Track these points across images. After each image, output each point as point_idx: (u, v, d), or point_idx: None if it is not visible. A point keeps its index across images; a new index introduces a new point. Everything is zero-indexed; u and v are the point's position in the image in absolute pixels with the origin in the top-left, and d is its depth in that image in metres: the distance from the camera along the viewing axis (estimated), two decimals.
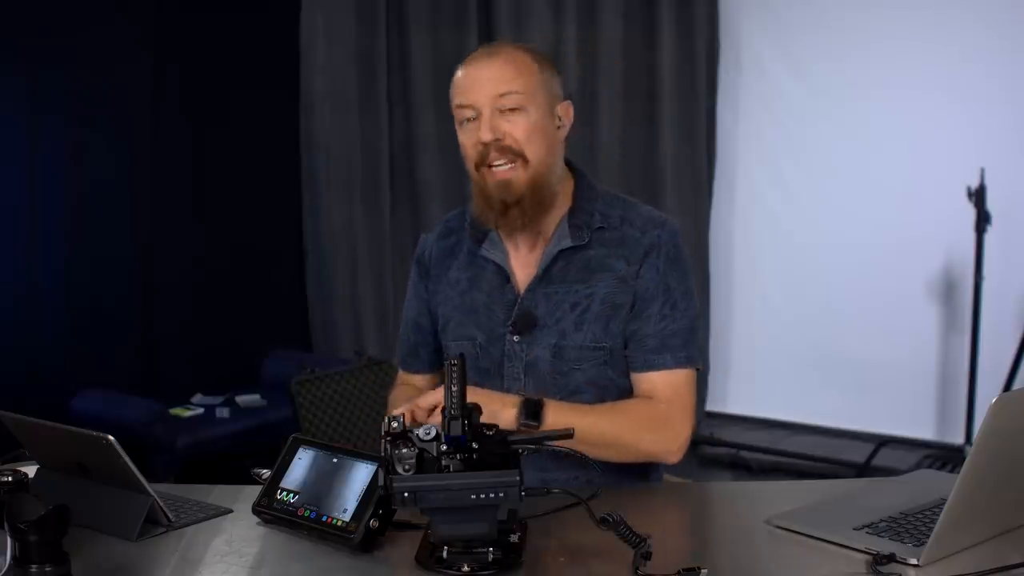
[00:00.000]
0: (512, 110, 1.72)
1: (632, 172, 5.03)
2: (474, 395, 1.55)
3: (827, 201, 4.81)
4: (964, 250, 4.27)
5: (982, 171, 4.06)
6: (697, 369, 1.80)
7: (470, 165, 1.78)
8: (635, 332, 1.77)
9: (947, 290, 4.53)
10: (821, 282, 4.82)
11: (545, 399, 1.69)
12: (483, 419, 1.50)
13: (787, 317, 4.95)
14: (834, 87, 4.73)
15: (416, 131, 4.96)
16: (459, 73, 1.77)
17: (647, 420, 1.73)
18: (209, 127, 4.47)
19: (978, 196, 4.09)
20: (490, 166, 1.74)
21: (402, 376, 2.02)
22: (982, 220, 4.11)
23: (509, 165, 1.73)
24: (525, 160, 1.73)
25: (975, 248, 4.15)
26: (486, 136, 1.72)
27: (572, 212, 1.82)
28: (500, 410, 1.64)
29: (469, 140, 1.75)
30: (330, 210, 4.85)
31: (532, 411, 1.65)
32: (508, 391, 1.77)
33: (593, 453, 1.61)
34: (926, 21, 4.49)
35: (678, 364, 1.76)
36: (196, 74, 4.42)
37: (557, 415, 1.66)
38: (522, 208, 1.75)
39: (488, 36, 4.91)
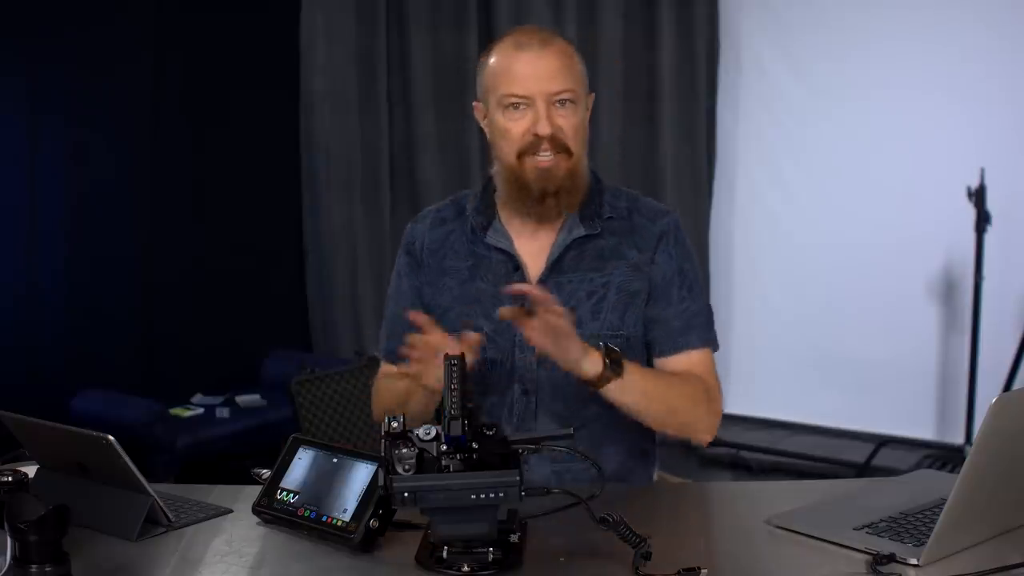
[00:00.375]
0: (562, 103, 1.75)
1: (632, 172, 5.03)
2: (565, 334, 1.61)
3: (827, 201, 4.81)
4: (964, 250, 4.27)
5: (982, 171, 4.06)
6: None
7: (509, 151, 1.76)
8: (658, 316, 1.81)
9: (947, 290, 4.53)
10: (821, 282, 4.82)
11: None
12: (571, 359, 1.59)
13: (787, 317, 4.95)
14: (834, 87, 4.73)
15: (416, 131, 4.96)
16: (507, 59, 1.76)
17: (699, 395, 1.77)
18: (209, 127, 4.47)
19: (978, 196, 4.09)
20: (533, 154, 1.75)
21: (387, 368, 1.97)
22: (982, 220, 4.11)
23: (553, 156, 1.75)
24: (569, 153, 1.76)
25: (975, 248, 4.15)
26: (545, 130, 1.73)
27: (583, 203, 1.83)
28: (584, 357, 1.64)
29: (517, 128, 1.75)
30: (330, 210, 4.84)
31: (616, 361, 1.66)
32: (520, 380, 1.79)
33: (648, 410, 1.71)
34: (926, 21, 4.49)
35: (704, 344, 1.82)
36: (196, 74, 4.42)
37: (632, 371, 1.68)
38: (558, 197, 1.77)
39: (488, 36, 4.90)
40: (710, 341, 1.83)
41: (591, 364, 1.64)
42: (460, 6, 4.93)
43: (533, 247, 1.83)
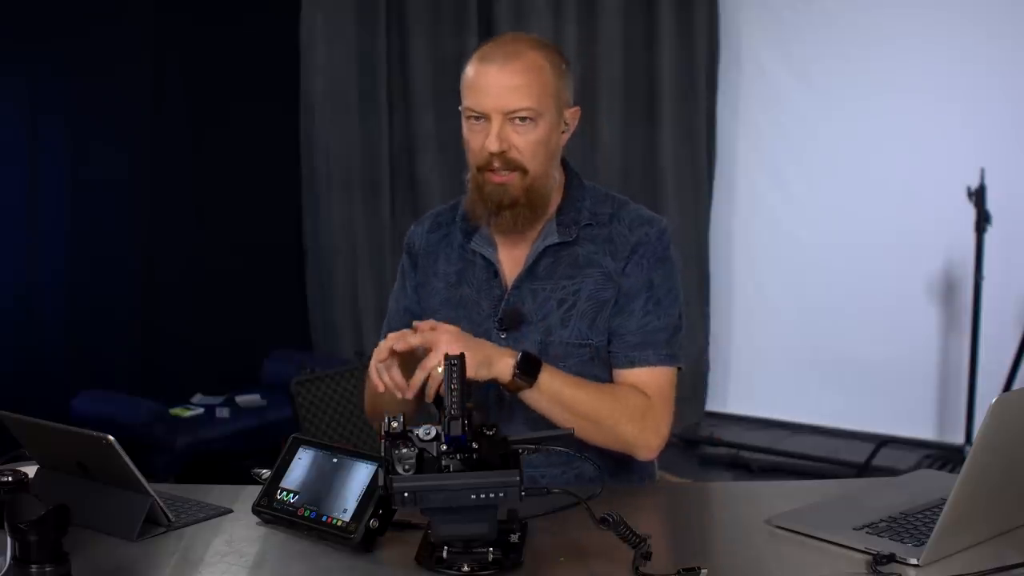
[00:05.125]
0: (522, 120, 1.72)
1: (632, 172, 5.03)
2: (473, 342, 1.62)
3: (827, 201, 4.81)
4: (964, 250, 4.27)
5: (982, 171, 4.06)
6: (679, 368, 1.81)
7: (472, 162, 1.78)
8: (617, 328, 1.78)
9: (947, 290, 4.53)
10: (821, 282, 4.82)
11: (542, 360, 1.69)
12: (477, 364, 1.58)
13: (787, 317, 4.95)
14: (834, 87, 4.73)
15: (416, 131, 4.96)
16: (473, 70, 1.75)
17: (632, 408, 1.74)
18: (209, 127, 4.47)
19: (978, 196, 4.09)
20: (489, 170, 1.75)
21: None
22: (982, 220, 4.11)
23: (508, 173, 1.74)
24: (524, 172, 1.74)
25: (975, 248, 4.14)
26: (493, 146, 1.71)
27: (560, 209, 1.82)
28: (498, 358, 1.64)
29: (476, 141, 1.75)
30: (330, 210, 4.84)
31: (528, 367, 1.66)
32: (495, 385, 1.75)
33: (566, 420, 1.68)
34: (926, 21, 4.49)
35: (660, 362, 1.77)
36: (196, 74, 4.42)
37: (551, 378, 1.67)
38: (515, 212, 1.76)
39: (488, 36, 4.90)
40: (669, 358, 1.77)
41: (501, 369, 1.64)
42: (460, 6, 4.93)
43: (514, 253, 1.83)
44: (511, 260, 1.83)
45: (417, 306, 1.91)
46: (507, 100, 1.70)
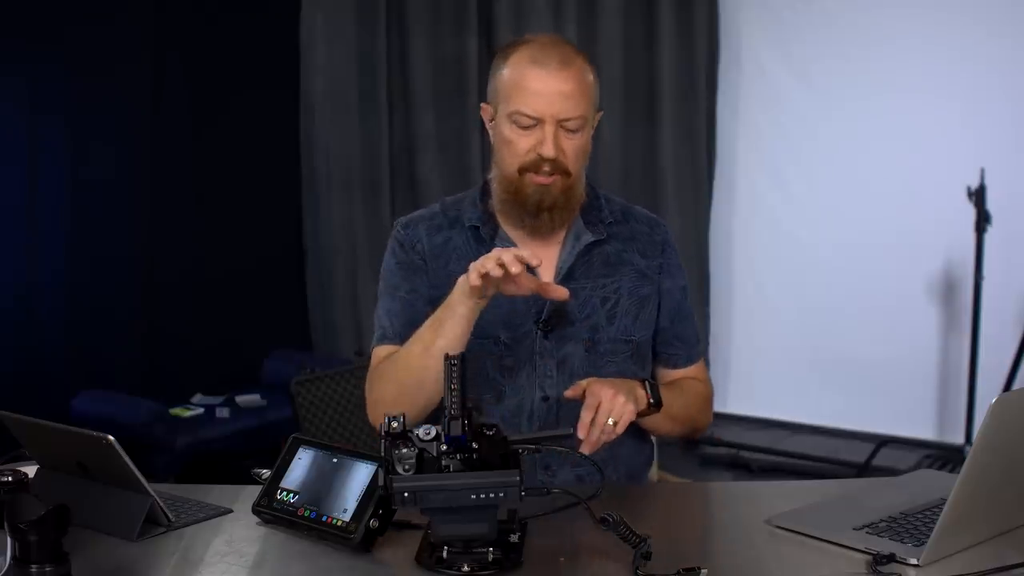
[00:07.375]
0: (572, 129, 1.75)
1: (632, 172, 5.03)
2: (621, 383, 1.66)
3: (827, 201, 4.81)
4: (964, 250, 4.27)
5: (982, 171, 4.06)
6: None
7: (511, 163, 1.77)
8: (680, 333, 1.92)
9: (947, 290, 4.53)
10: (821, 282, 4.82)
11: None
12: (627, 403, 1.60)
13: (787, 317, 4.95)
14: (834, 87, 4.73)
15: (416, 131, 4.96)
16: (522, 73, 1.74)
17: (703, 400, 1.93)
18: (209, 127, 4.47)
19: (978, 196, 4.08)
20: (534, 171, 1.75)
21: (386, 350, 1.89)
22: (982, 220, 4.11)
23: (552, 176, 1.75)
24: (567, 174, 1.76)
25: (975, 248, 4.14)
26: (549, 152, 1.73)
27: (583, 209, 1.86)
28: (635, 391, 1.69)
29: (523, 143, 1.75)
30: (330, 210, 4.85)
31: (657, 393, 1.74)
32: (541, 387, 1.80)
33: (667, 426, 1.83)
34: (926, 21, 4.49)
35: (702, 353, 1.99)
36: (196, 74, 4.42)
37: (664, 395, 1.76)
38: (553, 214, 1.79)
39: (488, 36, 4.91)
40: (704, 348, 1.99)
41: (640, 396, 1.70)
42: (460, 6, 4.93)
43: (540, 254, 1.81)
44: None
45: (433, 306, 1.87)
46: (564, 107, 1.72)
